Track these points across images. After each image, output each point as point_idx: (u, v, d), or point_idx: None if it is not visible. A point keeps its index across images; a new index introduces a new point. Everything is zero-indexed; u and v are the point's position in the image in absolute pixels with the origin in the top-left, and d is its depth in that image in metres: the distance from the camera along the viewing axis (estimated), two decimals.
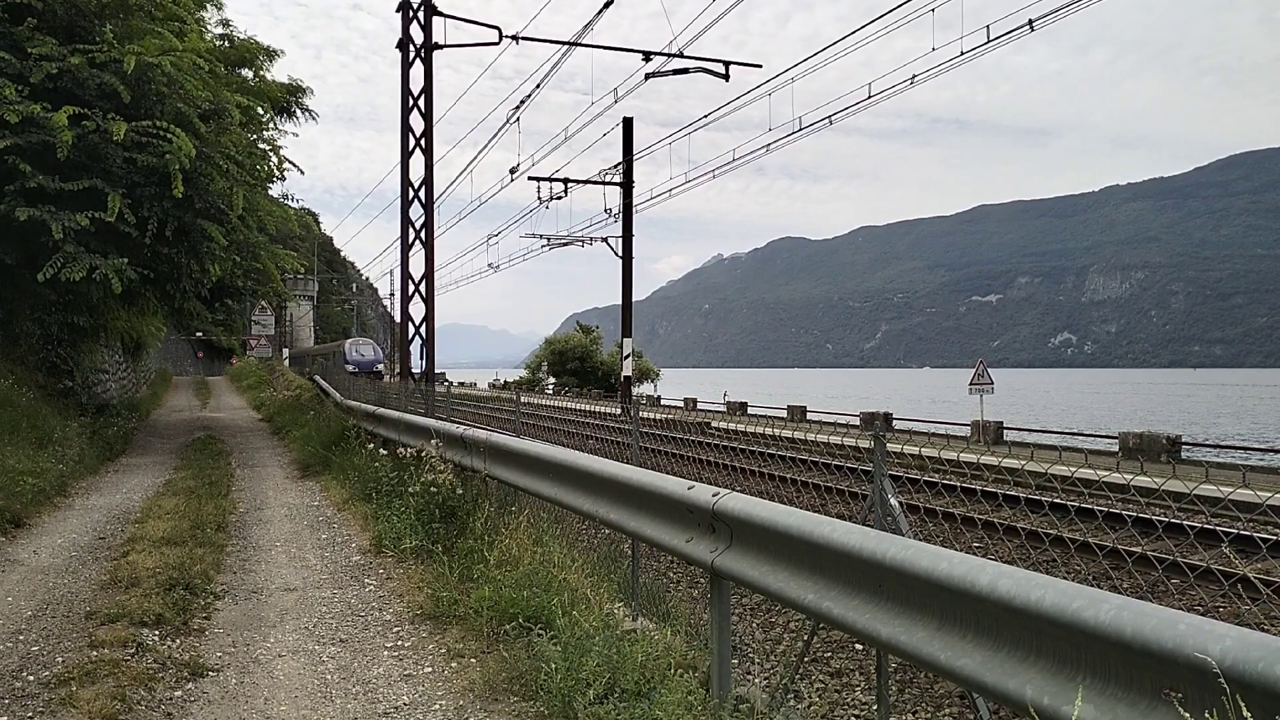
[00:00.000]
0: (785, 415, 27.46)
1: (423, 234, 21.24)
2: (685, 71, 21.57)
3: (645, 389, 48.91)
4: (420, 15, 20.24)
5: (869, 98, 16.83)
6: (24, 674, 4.55)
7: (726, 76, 21.72)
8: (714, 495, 4.08)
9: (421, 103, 20.67)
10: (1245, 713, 1.92)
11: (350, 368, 49.80)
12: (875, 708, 4.62)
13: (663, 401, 38.83)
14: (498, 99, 50.96)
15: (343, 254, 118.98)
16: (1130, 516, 7.67)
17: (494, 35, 20.18)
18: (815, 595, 3.44)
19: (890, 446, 4.50)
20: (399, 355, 22.64)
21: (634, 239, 30.24)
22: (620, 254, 30.38)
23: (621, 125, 29.70)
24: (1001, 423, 20.34)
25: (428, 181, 21.02)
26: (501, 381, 64.38)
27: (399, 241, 21.57)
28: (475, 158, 26.53)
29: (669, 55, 20.31)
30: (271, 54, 18.90)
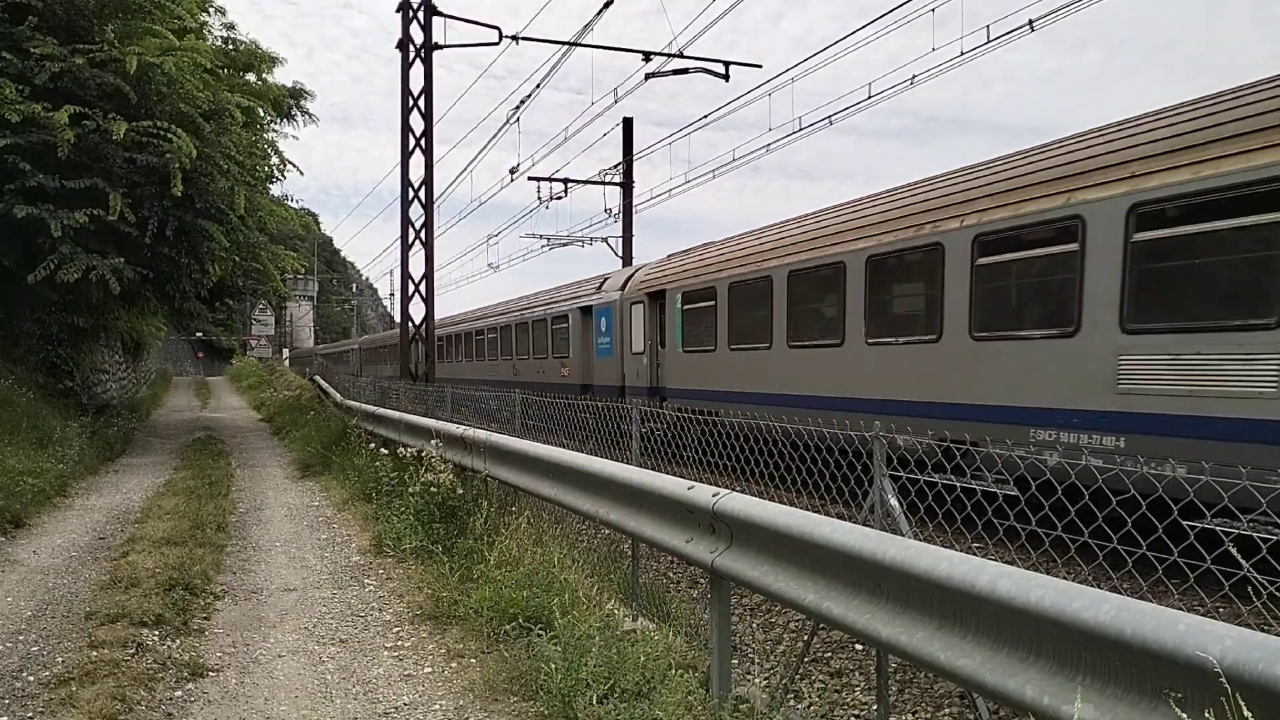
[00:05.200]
0: None
1: (422, 234, 21.23)
2: (685, 71, 21.55)
3: None
4: (420, 15, 20.24)
5: (869, 98, 16.81)
6: (24, 674, 4.55)
7: (726, 76, 21.70)
8: (714, 495, 4.08)
9: (421, 103, 20.67)
10: (1245, 713, 1.92)
11: None
12: (875, 708, 4.62)
13: None
14: (492, 98, 50.98)
15: (342, 254, 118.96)
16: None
17: (493, 35, 20.16)
18: (815, 595, 3.44)
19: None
20: (399, 355, 22.62)
21: (634, 239, 30.25)
22: (620, 254, 30.36)
23: (621, 125, 29.67)
24: None
25: (427, 182, 21.01)
26: None
27: (399, 241, 21.57)
28: (475, 158, 26.78)
29: (669, 55, 20.29)
30: (273, 60, 18.92)
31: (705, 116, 21.23)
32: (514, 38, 20.34)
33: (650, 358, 16.27)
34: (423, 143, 20.83)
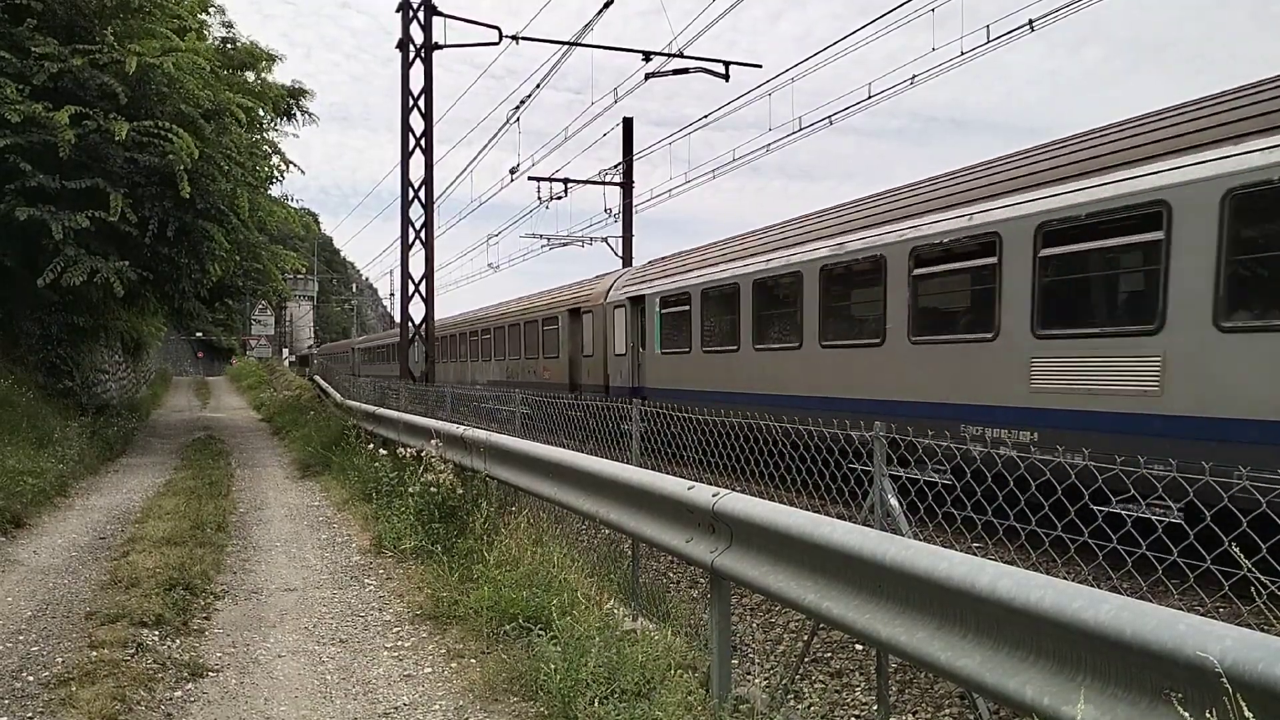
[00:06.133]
0: None
1: (423, 234, 21.24)
2: (685, 71, 21.55)
3: None
4: (420, 15, 20.24)
5: (869, 98, 16.79)
6: (24, 674, 4.55)
7: (726, 76, 21.70)
8: (714, 495, 4.08)
9: (421, 103, 20.68)
10: (1246, 713, 1.92)
11: None
12: (875, 708, 4.62)
13: None
14: (492, 98, 50.97)
15: (342, 254, 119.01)
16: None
17: (493, 35, 20.16)
18: (815, 595, 3.44)
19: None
20: (399, 355, 22.62)
21: (634, 239, 30.23)
22: (620, 254, 30.37)
23: (621, 125, 29.67)
24: None
25: (427, 182, 21.02)
26: None
27: (399, 241, 21.58)
28: (475, 158, 26.74)
29: (669, 55, 20.29)
30: (272, 58, 18.95)
31: (705, 116, 21.27)
32: (514, 38, 20.34)
33: None
34: (423, 143, 20.84)
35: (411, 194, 21.18)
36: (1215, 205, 6.79)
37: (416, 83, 20.60)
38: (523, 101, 22.25)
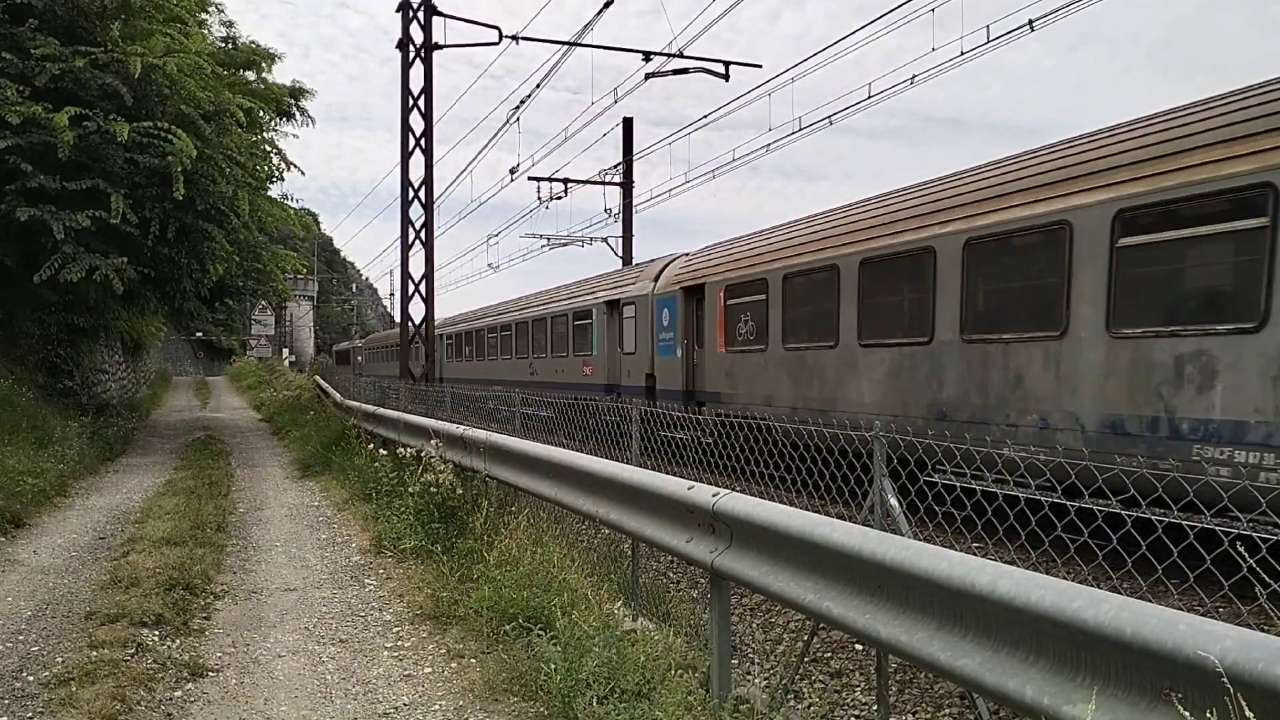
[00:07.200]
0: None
1: (422, 234, 21.25)
2: (685, 71, 21.56)
3: None
4: (420, 15, 20.25)
5: (869, 98, 16.78)
6: (24, 674, 4.55)
7: (726, 76, 21.71)
8: (714, 495, 4.08)
9: (421, 103, 20.68)
10: (1246, 713, 1.92)
11: None
12: (875, 708, 4.62)
13: None
14: (492, 98, 50.87)
15: (342, 254, 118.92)
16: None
17: (493, 35, 20.18)
18: (815, 595, 3.44)
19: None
20: (399, 355, 22.60)
21: (634, 239, 30.22)
22: (620, 254, 30.37)
23: (621, 125, 29.67)
24: None
25: (427, 181, 21.04)
26: None
27: (399, 241, 21.58)
28: (475, 158, 26.67)
29: (669, 55, 20.30)
30: (273, 57, 18.95)
31: (705, 117, 21.30)
32: (514, 38, 20.35)
33: None
34: (422, 143, 20.85)
35: (411, 194, 21.20)
36: None
37: (416, 83, 20.63)
38: (522, 101, 22.27)
